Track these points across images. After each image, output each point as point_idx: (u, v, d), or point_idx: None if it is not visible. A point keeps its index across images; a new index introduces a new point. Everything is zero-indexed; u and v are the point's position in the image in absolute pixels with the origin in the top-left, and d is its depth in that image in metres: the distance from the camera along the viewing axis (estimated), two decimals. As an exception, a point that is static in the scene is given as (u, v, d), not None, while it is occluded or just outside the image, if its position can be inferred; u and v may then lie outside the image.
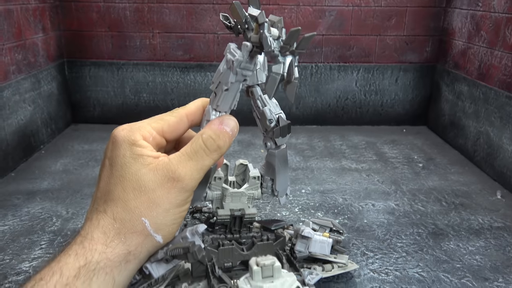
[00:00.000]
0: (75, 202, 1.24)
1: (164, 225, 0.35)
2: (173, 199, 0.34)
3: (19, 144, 1.53)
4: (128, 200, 0.34)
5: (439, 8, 1.91)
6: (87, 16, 1.88)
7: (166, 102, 2.00)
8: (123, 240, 0.34)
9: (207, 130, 0.37)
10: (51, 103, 1.80)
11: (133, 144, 0.35)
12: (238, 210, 0.66)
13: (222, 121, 0.37)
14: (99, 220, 0.34)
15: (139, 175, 0.34)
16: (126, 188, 0.34)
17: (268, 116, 0.42)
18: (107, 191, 0.35)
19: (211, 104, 0.39)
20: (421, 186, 1.39)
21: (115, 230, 0.34)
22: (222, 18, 0.37)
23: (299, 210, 1.20)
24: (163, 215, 0.34)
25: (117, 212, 0.34)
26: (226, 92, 0.37)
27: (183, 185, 0.35)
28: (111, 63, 1.95)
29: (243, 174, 0.76)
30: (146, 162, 0.34)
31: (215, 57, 1.94)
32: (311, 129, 2.00)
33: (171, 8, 1.87)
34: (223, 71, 0.37)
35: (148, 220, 0.34)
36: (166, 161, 0.35)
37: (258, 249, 0.69)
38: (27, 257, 0.96)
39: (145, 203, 0.34)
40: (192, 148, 0.36)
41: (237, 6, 0.33)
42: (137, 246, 0.34)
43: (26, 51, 1.59)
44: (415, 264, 0.96)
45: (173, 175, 0.34)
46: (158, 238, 0.35)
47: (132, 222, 0.34)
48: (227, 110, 0.39)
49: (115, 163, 0.35)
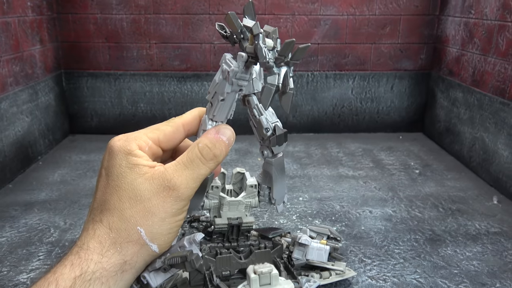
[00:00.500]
0: (73, 213, 1.24)
1: (159, 234, 0.35)
2: (168, 208, 0.34)
3: (17, 155, 1.53)
4: (123, 210, 0.34)
5: (433, 16, 1.94)
6: (84, 27, 1.89)
7: (163, 112, 2.01)
8: (119, 249, 0.34)
9: (203, 139, 0.37)
10: (49, 114, 1.80)
11: (129, 154, 0.35)
12: (236, 219, 0.66)
13: (218, 130, 0.37)
14: (95, 230, 0.34)
15: (134, 185, 0.34)
16: (122, 198, 0.34)
17: (264, 125, 0.43)
18: (103, 200, 0.35)
19: (208, 114, 0.39)
20: (418, 193, 1.40)
21: (110, 239, 0.34)
22: (218, 28, 0.37)
23: (297, 218, 1.21)
24: (158, 224, 0.34)
25: (113, 222, 0.34)
26: (222, 102, 0.37)
27: (179, 194, 0.35)
28: (108, 74, 1.96)
29: (240, 182, 0.76)
30: (142, 172, 0.34)
31: (212, 67, 1.96)
32: (308, 137, 2.00)
33: (168, 19, 1.89)
34: (219, 82, 0.37)
35: (144, 229, 0.34)
36: (161, 170, 0.35)
37: (255, 257, 0.69)
38: (24, 269, 0.96)
39: (141, 212, 0.34)
40: (188, 157, 0.36)
41: (232, 17, 0.34)
42: (132, 256, 0.34)
43: (23, 63, 1.60)
44: (413, 271, 0.96)
45: (169, 184, 0.34)
46: (154, 247, 0.35)
47: (128, 231, 0.34)
48: (224, 120, 0.39)
49: (111, 173, 0.35)
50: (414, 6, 1.91)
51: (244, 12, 0.35)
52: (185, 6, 1.87)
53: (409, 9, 1.92)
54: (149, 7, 1.86)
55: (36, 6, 1.70)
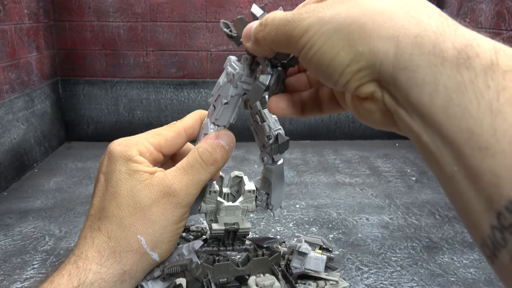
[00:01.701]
0: (68, 221, 1.23)
1: (161, 243, 0.34)
2: (169, 215, 0.34)
3: (12, 163, 1.52)
4: (123, 217, 0.33)
5: (428, 25, 1.95)
6: (81, 35, 1.89)
7: (160, 119, 2.00)
8: (118, 259, 0.33)
9: (203, 143, 0.36)
10: (45, 122, 1.79)
11: (129, 160, 0.34)
12: (233, 224, 0.66)
13: (218, 135, 0.36)
14: (94, 238, 0.33)
15: (134, 192, 0.33)
16: (121, 205, 0.33)
17: (266, 132, 0.42)
18: (102, 208, 0.34)
19: (210, 118, 0.38)
20: (414, 200, 1.40)
21: (110, 248, 0.33)
22: (222, 26, 0.37)
23: (294, 226, 1.20)
24: (160, 232, 0.34)
25: (112, 230, 0.33)
26: (225, 105, 0.37)
27: (179, 201, 0.34)
28: (105, 81, 1.96)
29: (237, 186, 0.76)
30: (142, 178, 0.34)
31: (208, 74, 1.96)
32: (304, 144, 2.01)
33: (165, 26, 1.89)
34: (223, 84, 0.36)
35: (144, 238, 0.33)
36: (161, 176, 0.34)
37: (253, 265, 0.69)
38: (19, 278, 0.95)
39: (141, 220, 0.33)
40: (188, 162, 0.35)
41: (242, 22, 0.33)
42: (132, 265, 0.33)
43: (19, 70, 1.60)
44: (410, 278, 0.96)
45: (169, 190, 0.33)
46: (154, 256, 0.34)
47: (128, 240, 0.33)
48: (226, 124, 0.38)
49: (110, 179, 0.34)
50: (409, 14, 1.93)
51: (253, 18, 0.35)
52: (182, 14, 1.88)
53: (404, 17, 1.93)
54: (146, 15, 1.87)
55: (33, 13, 1.70)
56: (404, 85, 0.20)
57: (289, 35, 0.24)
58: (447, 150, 0.19)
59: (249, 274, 0.69)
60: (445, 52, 0.19)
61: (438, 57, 0.19)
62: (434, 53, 0.20)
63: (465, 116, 0.18)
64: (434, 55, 0.20)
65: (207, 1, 1.87)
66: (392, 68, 0.21)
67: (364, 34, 0.21)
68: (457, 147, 0.19)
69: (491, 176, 0.17)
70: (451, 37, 0.20)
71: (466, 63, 0.19)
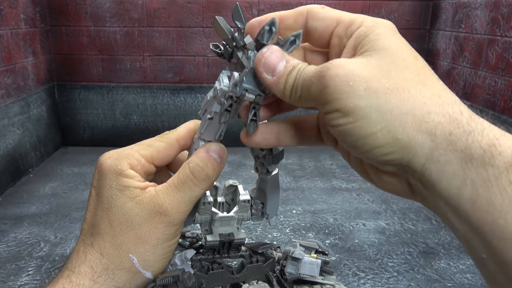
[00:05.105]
0: (64, 227, 1.22)
1: (153, 262, 0.34)
2: (160, 234, 0.33)
3: (7, 168, 1.51)
4: (115, 236, 0.33)
5: (424, 30, 1.96)
6: (78, 40, 1.89)
7: (156, 124, 2.00)
8: (111, 276, 0.32)
9: (193, 158, 0.35)
10: (40, 127, 1.79)
11: (120, 174, 0.33)
12: (228, 235, 0.66)
13: (209, 148, 0.35)
14: (86, 254, 0.33)
15: (125, 209, 0.33)
16: (113, 222, 0.33)
17: None
18: (94, 223, 0.34)
19: (198, 131, 0.37)
20: (411, 205, 1.40)
21: (102, 265, 0.33)
22: (212, 47, 0.36)
23: (290, 231, 1.20)
24: (151, 251, 0.33)
25: (105, 247, 0.33)
26: (210, 120, 0.35)
27: (170, 220, 0.33)
28: (101, 86, 1.95)
29: (232, 194, 0.76)
30: (132, 195, 0.33)
31: (205, 79, 1.96)
32: (301, 149, 2.01)
33: (161, 31, 1.89)
34: (210, 99, 0.34)
35: (136, 257, 0.33)
36: (152, 193, 0.33)
37: (248, 272, 0.69)
38: (13, 284, 0.94)
39: (132, 239, 0.33)
40: (179, 179, 0.34)
41: (221, 21, 0.31)
42: (125, 283, 0.33)
43: (15, 75, 1.59)
44: (407, 284, 0.96)
45: (160, 209, 0.33)
46: (147, 275, 0.34)
47: (120, 258, 0.33)
48: (212, 140, 0.36)
49: (102, 194, 0.34)
50: (405, 20, 1.94)
51: (233, 16, 0.33)
52: (179, 19, 1.88)
53: (400, 23, 1.94)
54: (143, 20, 1.87)
55: (30, 18, 1.70)
56: (434, 176, 0.22)
57: (320, 97, 0.24)
58: (474, 236, 0.22)
59: (244, 281, 0.69)
60: (473, 150, 0.22)
61: (467, 155, 0.22)
62: (464, 151, 0.22)
63: (490, 209, 0.21)
64: (464, 152, 0.22)
65: (204, 7, 1.87)
66: (425, 160, 0.23)
67: (406, 124, 0.23)
68: (484, 236, 0.21)
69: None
70: (479, 138, 0.22)
71: (491, 161, 0.21)
